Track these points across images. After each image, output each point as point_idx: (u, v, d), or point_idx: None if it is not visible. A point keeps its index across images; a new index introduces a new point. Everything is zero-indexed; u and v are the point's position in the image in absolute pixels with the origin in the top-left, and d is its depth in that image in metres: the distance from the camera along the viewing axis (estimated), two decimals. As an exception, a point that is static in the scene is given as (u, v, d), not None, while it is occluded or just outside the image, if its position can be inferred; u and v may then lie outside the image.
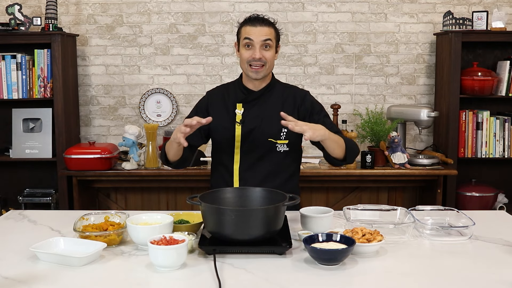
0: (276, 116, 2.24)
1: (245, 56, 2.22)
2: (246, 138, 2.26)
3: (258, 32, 2.20)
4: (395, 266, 1.66)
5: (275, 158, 2.26)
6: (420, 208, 2.09)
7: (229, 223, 1.70)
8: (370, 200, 3.62)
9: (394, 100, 3.79)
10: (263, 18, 2.25)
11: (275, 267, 1.63)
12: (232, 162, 2.27)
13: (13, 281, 1.54)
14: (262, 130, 2.25)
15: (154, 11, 3.73)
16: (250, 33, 2.21)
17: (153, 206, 3.62)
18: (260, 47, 2.20)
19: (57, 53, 3.39)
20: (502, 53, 3.69)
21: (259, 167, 2.25)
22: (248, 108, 2.28)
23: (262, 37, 2.20)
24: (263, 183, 2.19)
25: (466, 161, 3.62)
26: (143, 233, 1.75)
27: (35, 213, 2.25)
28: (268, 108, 2.28)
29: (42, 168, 3.69)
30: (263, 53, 2.21)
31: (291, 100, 2.31)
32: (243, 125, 2.26)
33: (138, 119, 3.80)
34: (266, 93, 2.30)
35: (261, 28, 2.21)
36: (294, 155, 2.34)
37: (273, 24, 2.27)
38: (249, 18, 2.25)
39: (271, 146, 2.26)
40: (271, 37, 2.23)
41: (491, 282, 1.54)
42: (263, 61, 2.21)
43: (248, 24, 2.24)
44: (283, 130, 2.25)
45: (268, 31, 2.22)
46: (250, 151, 2.26)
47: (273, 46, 2.25)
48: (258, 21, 2.22)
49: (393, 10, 3.73)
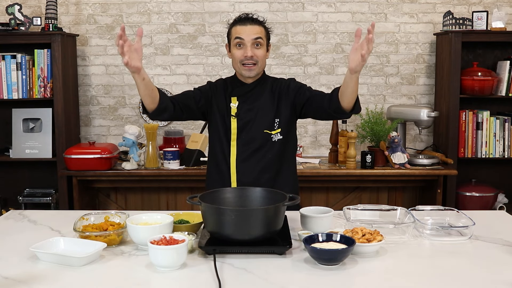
0: (270, 107, 2.31)
1: (237, 56, 2.25)
2: (241, 130, 2.30)
3: (248, 31, 2.23)
4: (395, 266, 1.66)
5: (271, 148, 2.30)
6: (420, 208, 2.09)
7: (229, 223, 1.70)
8: (370, 200, 3.62)
9: (394, 100, 3.79)
10: (253, 17, 2.27)
11: (275, 267, 1.63)
12: (229, 154, 2.31)
13: (13, 281, 1.54)
14: (258, 123, 2.30)
15: (154, 11, 3.73)
16: (240, 32, 2.24)
17: (153, 206, 3.62)
18: (251, 46, 2.23)
19: (57, 53, 3.39)
20: (502, 53, 3.69)
21: (255, 158, 2.29)
22: (243, 101, 2.32)
23: (252, 35, 2.23)
24: (260, 174, 2.25)
25: (466, 161, 3.62)
26: (143, 233, 1.75)
27: (35, 213, 2.25)
28: (261, 100, 2.32)
29: (42, 168, 3.69)
30: (254, 51, 2.23)
31: (280, 89, 2.34)
32: (238, 118, 2.30)
33: (138, 119, 3.80)
34: (259, 86, 2.33)
35: (252, 27, 2.24)
36: (289, 143, 2.36)
37: (262, 23, 2.30)
38: (239, 18, 2.28)
39: (267, 138, 2.30)
40: (262, 35, 2.25)
41: (491, 282, 1.54)
42: (255, 60, 2.24)
43: (238, 24, 2.26)
44: (275, 121, 2.29)
45: (258, 29, 2.25)
46: (246, 143, 2.30)
47: (264, 45, 2.27)
48: (248, 20, 2.25)
49: (393, 10, 3.73)
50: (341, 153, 3.41)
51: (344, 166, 3.37)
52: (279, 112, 2.31)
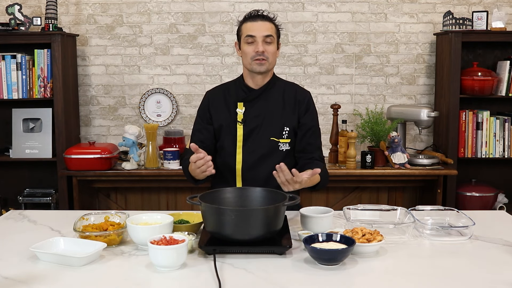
0: (278, 114, 2.24)
1: (248, 51, 2.21)
2: (248, 137, 2.24)
3: (259, 27, 2.20)
4: (395, 266, 1.66)
5: (278, 157, 2.24)
6: (420, 208, 2.09)
7: (229, 223, 1.70)
8: (370, 200, 3.62)
9: (394, 100, 3.79)
10: (263, 14, 2.24)
11: (275, 267, 1.63)
12: (234, 162, 2.25)
13: (13, 281, 1.54)
14: (264, 129, 2.24)
15: (154, 11, 3.73)
16: (251, 29, 2.20)
17: (153, 206, 3.62)
18: (262, 42, 2.20)
19: (57, 53, 3.39)
20: (502, 53, 3.69)
21: (261, 166, 2.23)
22: (249, 107, 2.26)
23: (263, 32, 2.20)
24: (266, 183, 2.16)
25: (466, 161, 3.62)
26: (143, 233, 1.75)
27: (35, 213, 2.25)
28: (270, 106, 2.26)
29: (42, 168, 3.69)
30: (265, 47, 2.20)
31: (292, 97, 2.29)
32: (244, 124, 2.25)
33: (138, 119, 3.80)
34: (267, 90, 2.28)
35: (262, 23, 2.21)
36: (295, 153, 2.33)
37: (273, 20, 2.26)
38: (249, 15, 2.25)
39: (274, 145, 2.25)
40: (272, 32, 2.22)
41: (491, 282, 1.54)
42: (265, 56, 2.20)
43: (249, 21, 2.23)
44: (285, 129, 2.25)
45: (269, 26, 2.22)
46: (252, 151, 2.24)
47: (275, 42, 2.24)
48: (259, 17, 2.22)
49: (393, 10, 3.73)
50: (341, 153, 3.41)
51: (344, 166, 3.37)
52: (289, 120, 2.26)
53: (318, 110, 3.79)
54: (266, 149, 2.24)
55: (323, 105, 3.77)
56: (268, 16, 2.25)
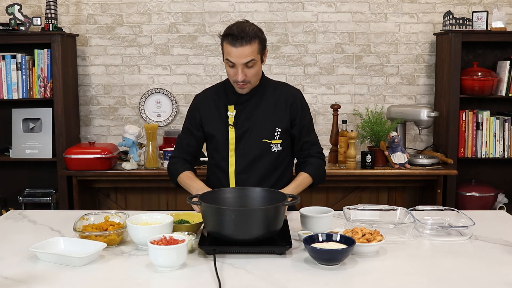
0: (269, 115, 2.24)
1: (230, 73, 2.15)
2: (240, 140, 2.23)
3: (238, 54, 2.05)
4: (395, 266, 1.66)
5: (270, 159, 2.23)
6: (420, 208, 2.09)
7: (229, 223, 1.70)
8: (370, 200, 3.62)
9: (394, 100, 3.79)
10: (242, 35, 2.04)
11: (275, 267, 1.64)
12: (227, 165, 2.24)
13: (13, 281, 1.54)
14: (256, 131, 2.22)
15: (154, 11, 3.73)
16: (230, 54, 2.07)
17: (153, 206, 3.62)
18: (242, 68, 2.09)
19: (57, 53, 3.39)
20: (502, 53, 3.69)
21: (254, 168, 2.22)
22: (240, 110, 2.23)
23: (243, 59, 2.06)
24: (259, 185, 2.15)
25: (466, 161, 3.62)
26: (143, 233, 1.75)
27: (35, 213, 2.25)
28: (261, 108, 2.24)
29: (42, 168, 3.69)
30: (246, 72, 2.10)
31: (283, 98, 2.26)
32: (236, 127, 2.22)
33: (138, 119, 3.80)
34: (258, 93, 2.25)
35: (242, 48, 2.04)
36: (287, 153, 2.32)
37: (254, 37, 2.06)
38: (228, 34, 2.07)
39: (266, 147, 2.23)
40: (253, 56, 2.07)
41: (491, 282, 1.54)
42: (246, 81, 2.13)
43: (228, 43, 2.07)
44: (277, 130, 2.23)
45: (249, 50, 2.05)
46: (245, 153, 2.23)
47: (258, 61, 2.11)
48: (238, 40, 2.04)
49: (393, 10, 3.73)
50: (341, 153, 3.41)
51: (344, 166, 3.37)
52: (280, 121, 2.24)
53: (318, 110, 3.82)
54: (259, 151, 2.22)
55: (323, 105, 3.77)
56: (248, 35, 2.05)
